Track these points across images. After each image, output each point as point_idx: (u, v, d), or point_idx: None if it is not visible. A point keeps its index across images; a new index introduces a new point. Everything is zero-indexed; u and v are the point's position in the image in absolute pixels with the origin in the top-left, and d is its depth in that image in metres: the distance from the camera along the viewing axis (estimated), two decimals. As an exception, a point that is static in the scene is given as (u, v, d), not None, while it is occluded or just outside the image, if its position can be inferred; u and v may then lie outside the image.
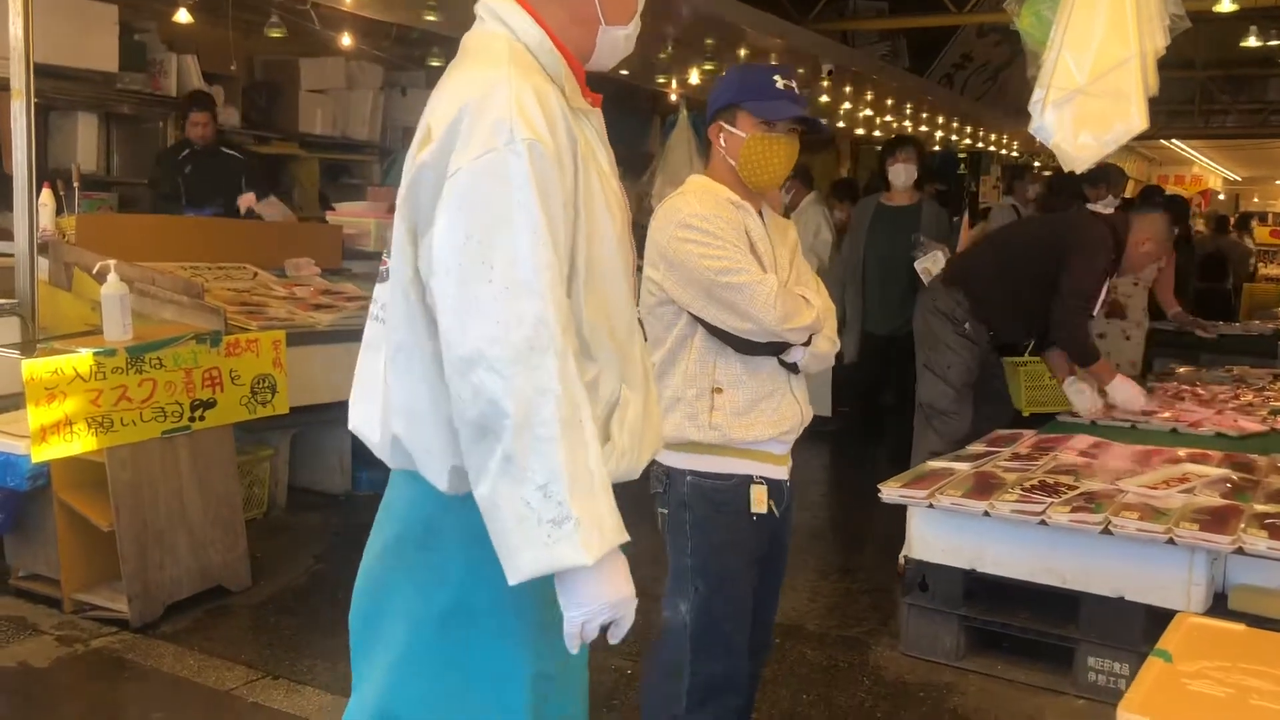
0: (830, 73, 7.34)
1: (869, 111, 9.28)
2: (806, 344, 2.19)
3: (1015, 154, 13.34)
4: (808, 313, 2.16)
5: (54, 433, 3.20)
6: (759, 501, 2.22)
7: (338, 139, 8.17)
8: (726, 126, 2.18)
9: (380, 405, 1.49)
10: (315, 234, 5.96)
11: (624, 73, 7.58)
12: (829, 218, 6.67)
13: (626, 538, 1.36)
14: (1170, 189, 20.45)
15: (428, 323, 1.41)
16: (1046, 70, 2.96)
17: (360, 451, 5.14)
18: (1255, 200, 22.96)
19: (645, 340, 1.62)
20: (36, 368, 3.16)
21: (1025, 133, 11.60)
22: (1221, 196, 21.57)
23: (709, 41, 6.95)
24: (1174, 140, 15.98)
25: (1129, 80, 2.75)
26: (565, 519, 1.30)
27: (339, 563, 4.07)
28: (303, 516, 4.68)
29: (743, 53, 7.20)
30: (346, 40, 6.63)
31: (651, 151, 11.90)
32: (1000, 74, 9.81)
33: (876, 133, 10.86)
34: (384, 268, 1.51)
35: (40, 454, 3.19)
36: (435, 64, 7.55)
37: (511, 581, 1.33)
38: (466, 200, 1.33)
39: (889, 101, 9.19)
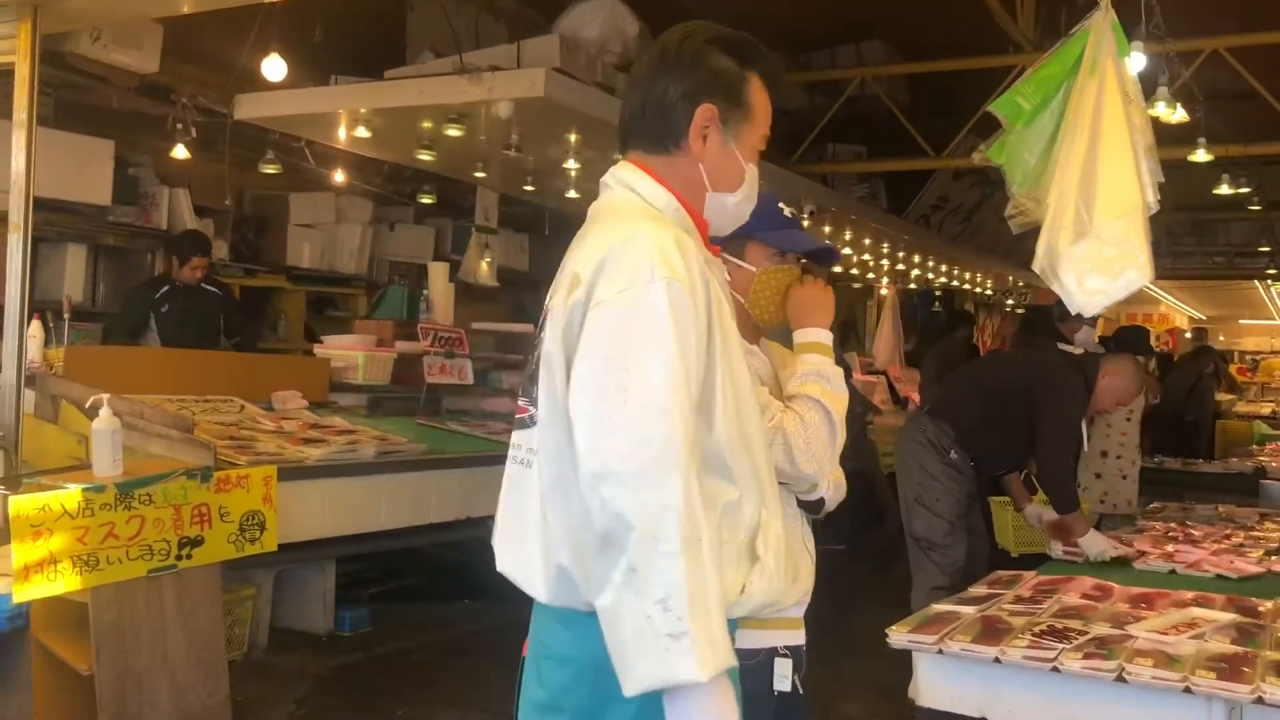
0: (812, 213, 7.49)
1: (847, 250, 9.45)
2: None
3: (989, 291, 13.59)
4: None
5: (38, 571, 3.10)
6: (783, 677, 2.04)
7: (325, 272, 8.23)
8: (731, 260, 2.04)
9: (536, 545, 1.54)
10: (302, 367, 5.94)
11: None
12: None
13: (735, 661, 1.42)
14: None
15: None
16: (1053, 212, 3.01)
17: (345, 590, 5.05)
18: (1220, 339, 23.40)
19: None
20: (23, 504, 3.08)
21: (998, 271, 11.78)
22: (1189, 335, 21.95)
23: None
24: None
25: (1138, 229, 2.81)
26: (682, 634, 1.36)
27: (321, 708, 3.93)
28: (284, 658, 4.53)
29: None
30: (340, 176, 6.73)
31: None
32: (974, 215, 10.05)
33: (853, 270, 11.05)
34: (525, 415, 1.59)
35: (22, 593, 3.08)
36: (425, 200, 7.66)
37: (627, 693, 1.39)
38: (607, 327, 1.46)
39: (866, 240, 9.38)
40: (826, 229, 8.38)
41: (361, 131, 5.61)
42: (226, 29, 5.25)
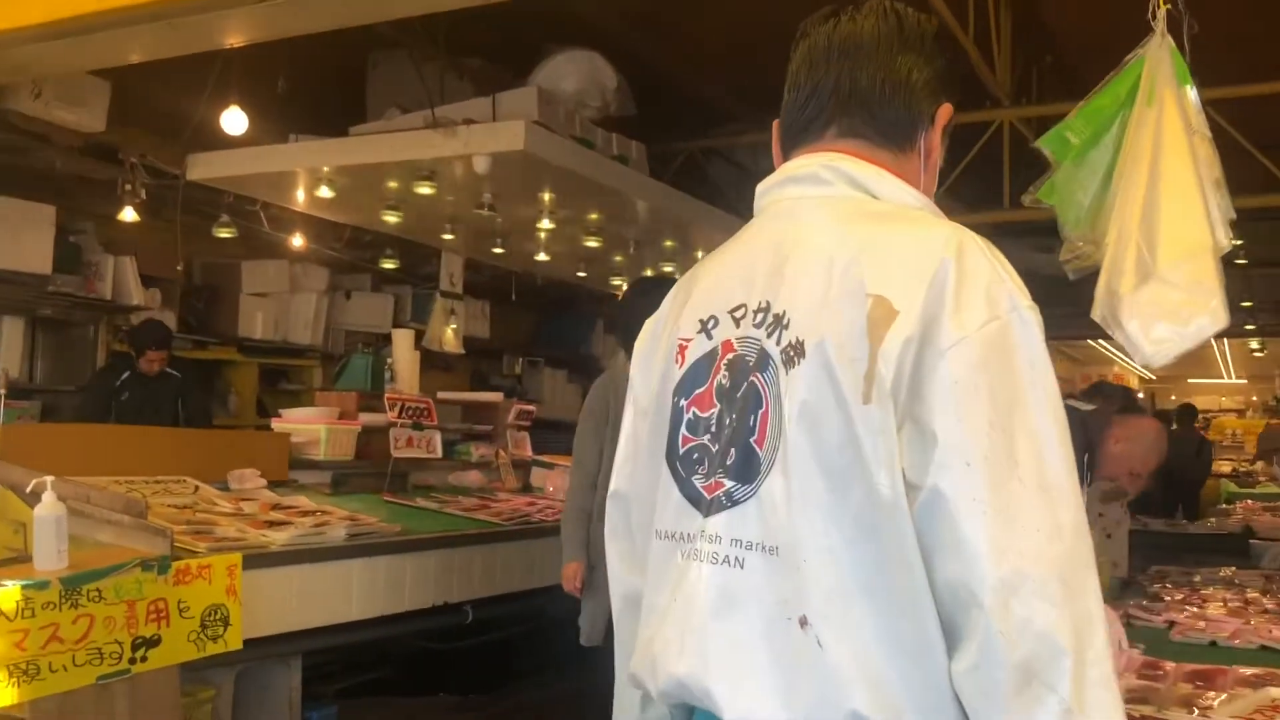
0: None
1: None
2: None
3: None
4: None
5: (-33, 685, 2.67)
6: None
7: (278, 343, 7.84)
8: None
9: (789, 684, 1.11)
10: (260, 443, 5.54)
11: (582, 275, 7.45)
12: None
13: None
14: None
15: (900, 546, 1.07)
16: (1112, 254, 2.75)
17: (309, 687, 4.61)
18: (1172, 398, 23.58)
19: None
20: (-48, 606, 2.67)
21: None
22: (1141, 395, 22.08)
23: (668, 244, 6.84)
24: (1099, 340, 16.35)
25: (1208, 270, 2.56)
26: None
27: (292, 825, 3.50)
28: (245, 767, 4.08)
29: (699, 254, 7.10)
30: (298, 241, 6.38)
31: (594, 353, 11.79)
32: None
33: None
34: (717, 493, 1.17)
35: (-51, 712, 2.66)
36: (388, 265, 7.33)
37: None
38: (982, 378, 1.07)
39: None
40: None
41: (324, 191, 5.29)
42: (180, 82, 4.92)
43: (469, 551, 4.89)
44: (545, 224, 5.76)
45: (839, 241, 1.18)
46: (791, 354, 1.14)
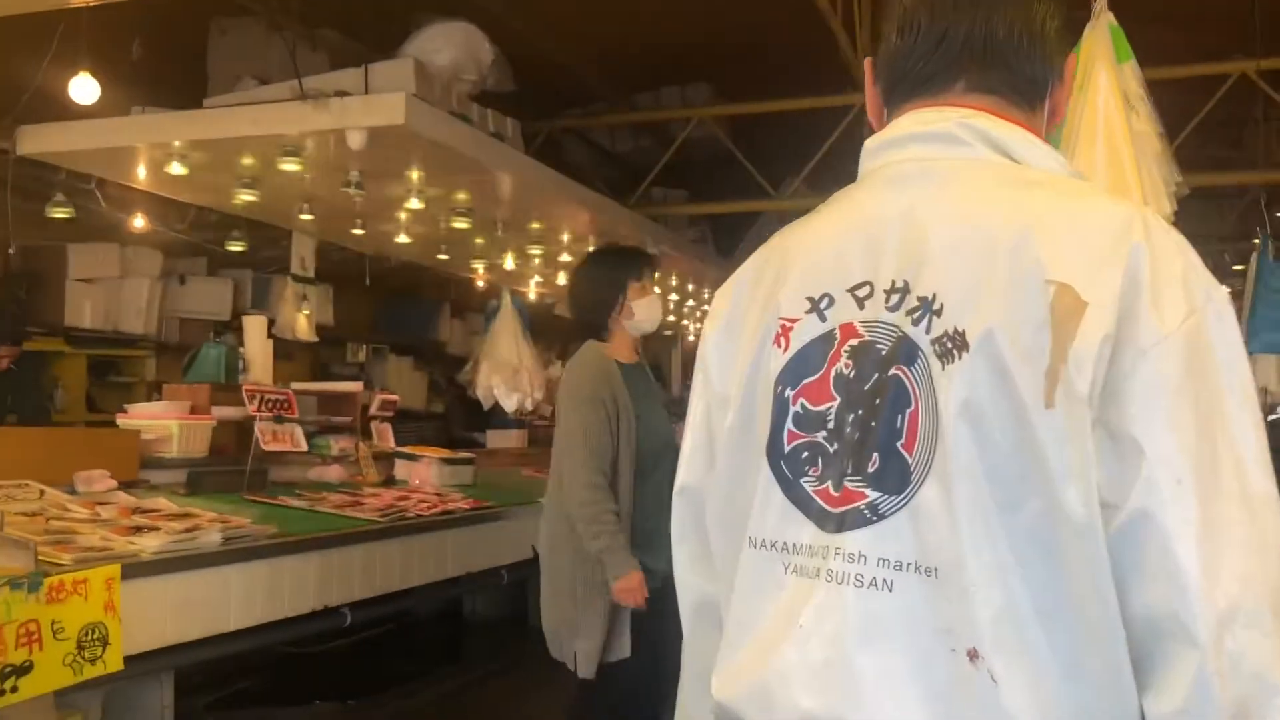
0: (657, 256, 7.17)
1: (673, 296, 9.22)
2: None
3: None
4: None
5: None
6: None
7: (108, 333, 7.28)
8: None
9: (960, 716, 0.96)
10: (107, 441, 5.09)
11: (444, 257, 7.18)
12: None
13: None
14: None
15: (1092, 570, 0.93)
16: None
17: (181, 703, 4.26)
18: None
19: None
20: None
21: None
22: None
23: (534, 225, 6.65)
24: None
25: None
26: None
27: None
28: (116, 795, 3.73)
29: (564, 236, 6.95)
30: (139, 223, 5.90)
31: (440, 339, 11.47)
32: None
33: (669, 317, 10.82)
34: (858, 503, 1.00)
35: None
36: (235, 248, 6.88)
37: None
38: (1186, 382, 0.93)
39: (690, 286, 9.18)
40: (673, 278, 8.12)
41: (175, 168, 4.88)
42: (12, 46, 4.43)
43: (347, 552, 4.62)
44: (413, 204, 5.48)
45: (1000, 216, 1.02)
46: (949, 346, 0.98)
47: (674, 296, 9.17)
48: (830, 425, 1.05)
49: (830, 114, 7.15)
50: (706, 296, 9.68)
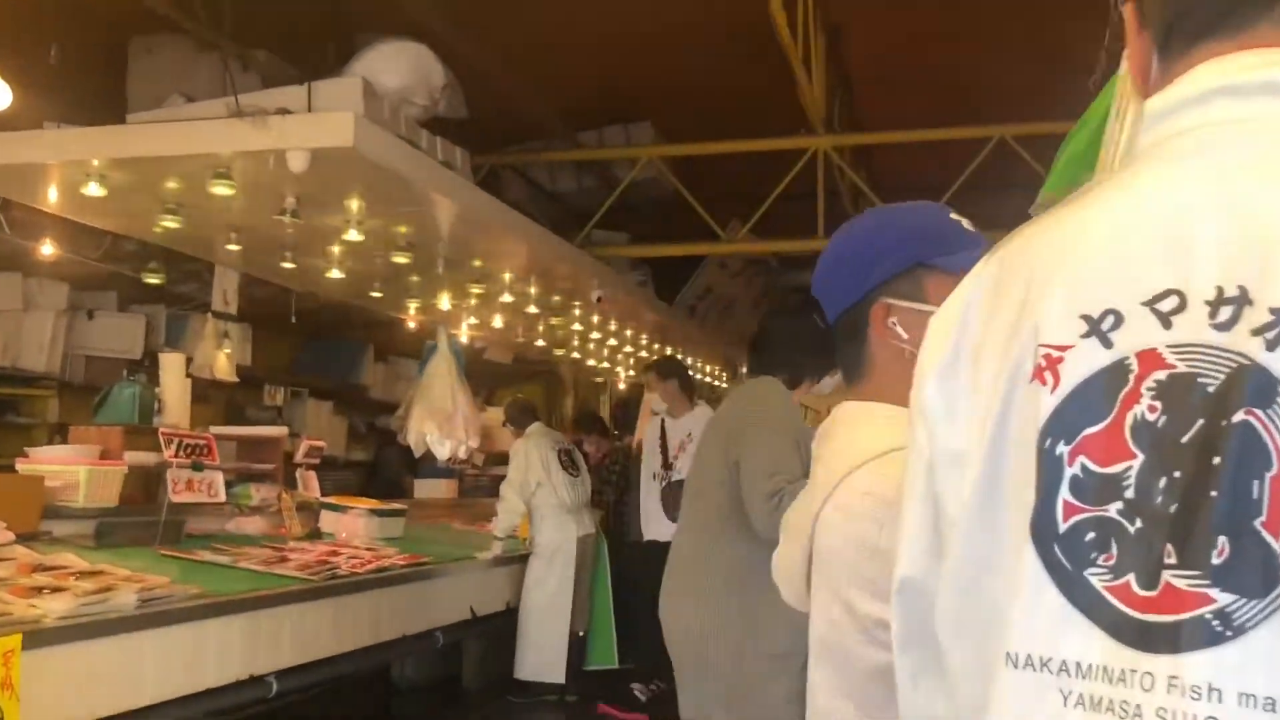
0: (599, 299, 6.89)
1: (614, 341, 8.93)
2: None
3: (724, 385, 13.50)
4: None
5: None
6: None
7: (7, 370, 6.73)
8: (903, 305, 1.40)
9: None
10: (4, 488, 4.58)
11: (377, 295, 6.78)
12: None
13: None
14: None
15: None
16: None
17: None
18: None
19: None
20: None
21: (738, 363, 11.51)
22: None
23: (476, 263, 6.31)
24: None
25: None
26: None
27: None
28: None
29: (507, 276, 6.62)
30: (48, 249, 5.42)
31: (363, 383, 10.98)
32: (732, 306, 9.84)
33: (592, 362, 10.52)
34: (1202, 611, 0.68)
35: None
36: (152, 280, 6.40)
37: None
38: None
39: (628, 331, 8.90)
40: (611, 322, 7.83)
41: (93, 189, 4.44)
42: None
43: (277, 614, 4.20)
44: (351, 235, 5.10)
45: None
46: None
47: (612, 341, 8.88)
48: (1129, 493, 0.73)
49: (782, 157, 6.97)
50: (644, 341, 9.42)
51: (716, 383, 12.96)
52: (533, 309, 7.22)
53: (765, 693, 2.89)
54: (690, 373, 7.00)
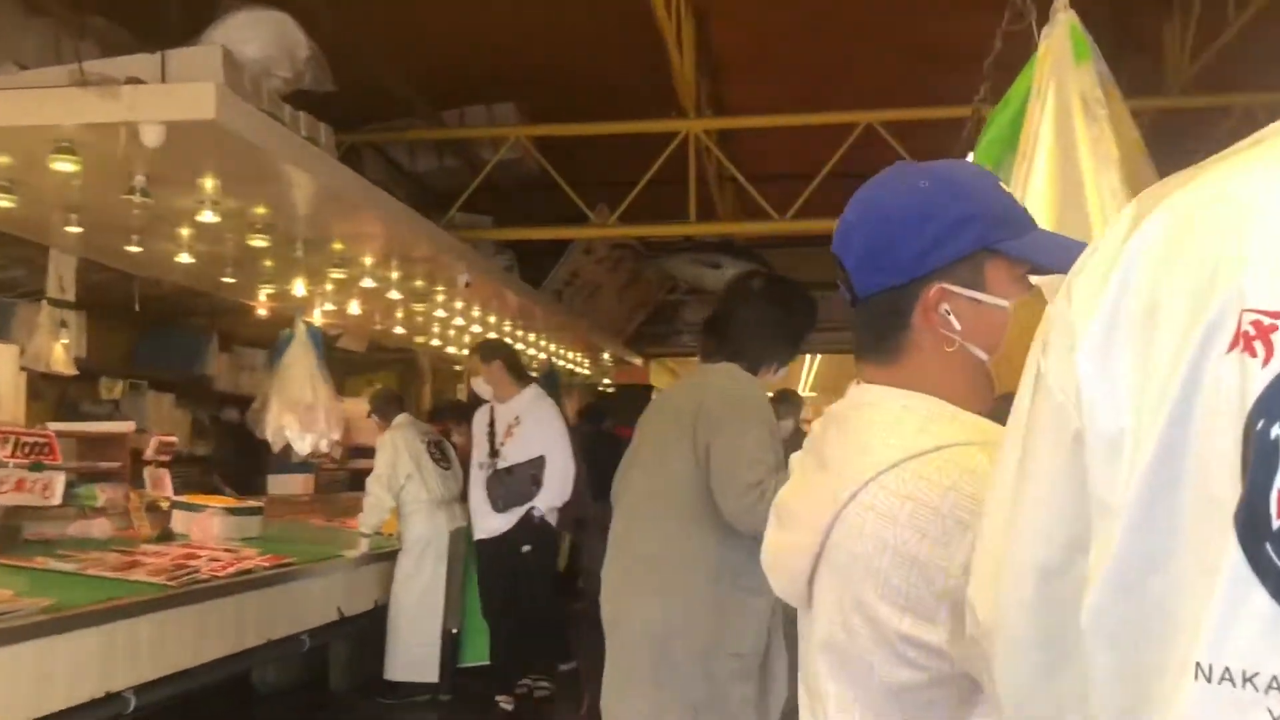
0: (468, 284, 6.67)
1: (478, 328, 8.70)
2: None
3: (586, 372, 13.39)
4: None
5: None
6: None
7: None
8: (962, 293, 1.23)
9: None
10: None
11: (229, 280, 6.40)
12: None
13: None
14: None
15: None
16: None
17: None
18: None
19: None
20: None
21: (611, 350, 11.55)
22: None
23: (336, 246, 6.01)
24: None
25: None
26: None
27: None
28: None
29: (369, 259, 6.34)
30: None
31: (207, 374, 10.43)
32: (598, 292, 9.71)
33: (453, 349, 10.25)
34: None
35: None
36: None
37: None
38: None
39: (492, 318, 8.69)
40: (475, 308, 7.59)
41: (-87, 163, 4.02)
42: None
43: (133, 625, 3.89)
44: (206, 216, 4.77)
45: None
46: None
47: (476, 328, 8.64)
48: None
49: (651, 141, 6.87)
50: (508, 328, 9.21)
51: (577, 369, 12.84)
52: (395, 294, 6.96)
53: (728, 694, 2.78)
54: (518, 354, 6.60)
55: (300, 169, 4.43)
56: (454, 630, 6.01)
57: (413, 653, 5.91)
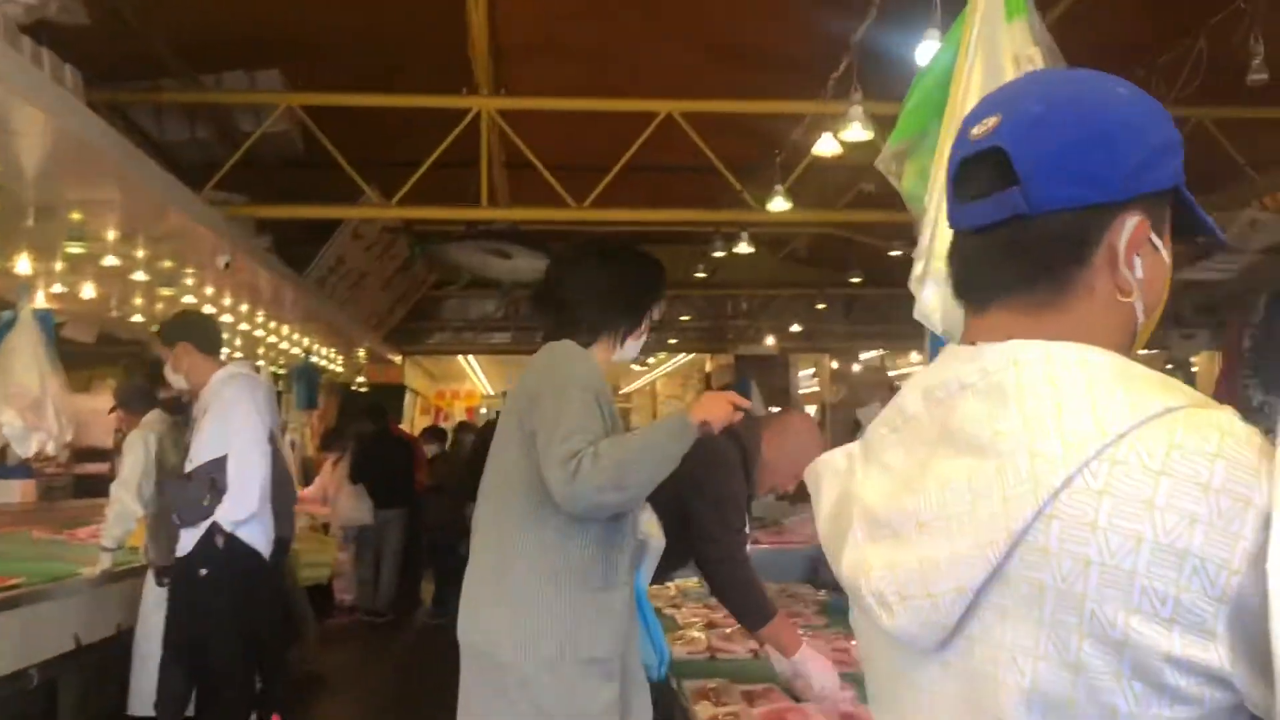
0: (227, 265, 5.95)
1: (229, 317, 7.89)
2: None
3: (339, 369, 12.59)
4: None
5: None
6: None
7: None
8: (1154, 239, 0.97)
9: None
10: None
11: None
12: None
13: None
14: (448, 404, 21.21)
15: None
16: (925, 239, 2.25)
17: None
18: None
19: None
20: None
21: (367, 346, 10.87)
22: (484, 410, 22.76)
23: (75, 216, 5.19)
24: (466, 356, 16.50)
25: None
26: None
27: None
28: None
29: (112, 234, 5.53)
30: None
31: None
32: (362, 280, 9.03)
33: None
34: None
35: None
36: None
37: None
38: None
39: (244, 306, 7.90)
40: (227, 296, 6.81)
41: None
42: None
43: None
44: (-86, 170, 3.94)
45: None
46: None
47: (227, 317, 7.82)
48: None
49: (436, 119, 6.36)
50: (261, 319, 8.42)
51: (329, 364, 12.03)
52: (141, 275, 6.13)
53: (581, 704, 2.41)
54: (211, 324, 5.12)
55: (42, 110, 3.69)
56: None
57: (161, 684, 5.15)
